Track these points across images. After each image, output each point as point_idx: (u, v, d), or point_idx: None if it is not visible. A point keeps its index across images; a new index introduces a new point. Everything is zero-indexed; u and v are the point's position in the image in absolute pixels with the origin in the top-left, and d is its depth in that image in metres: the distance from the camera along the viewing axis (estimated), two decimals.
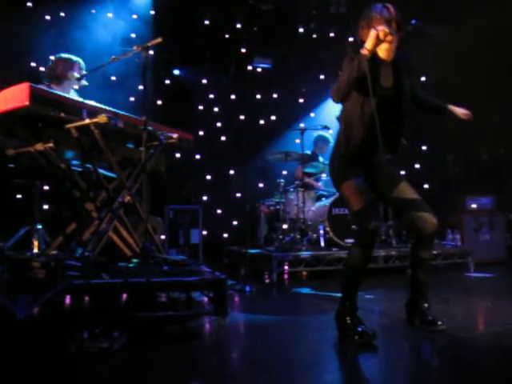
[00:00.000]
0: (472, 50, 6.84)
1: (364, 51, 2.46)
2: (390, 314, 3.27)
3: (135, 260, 3.21)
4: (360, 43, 2.66)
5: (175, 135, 3.56)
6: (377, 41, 2.46)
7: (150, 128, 3.33)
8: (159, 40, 3.47)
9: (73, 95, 3.80)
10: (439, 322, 2.73)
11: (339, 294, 2.76)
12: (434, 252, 5.42)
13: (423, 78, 7.99)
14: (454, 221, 6.25)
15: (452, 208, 6.47)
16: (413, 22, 7.94)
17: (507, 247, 6.39)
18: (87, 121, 3.05)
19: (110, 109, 3.34)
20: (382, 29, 2.45)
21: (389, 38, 2.48)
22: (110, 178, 3.65)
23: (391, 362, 2.39)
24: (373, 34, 2.46)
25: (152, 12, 6.91)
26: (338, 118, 2.81)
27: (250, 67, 7.43)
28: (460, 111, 2.90)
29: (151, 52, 6.57)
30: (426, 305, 2.79)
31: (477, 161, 7.67)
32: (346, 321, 2.61)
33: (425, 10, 6.62)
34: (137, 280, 2.69)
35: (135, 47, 3.43)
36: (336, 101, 2.60)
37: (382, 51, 2.66)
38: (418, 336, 2.72)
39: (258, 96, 7.38)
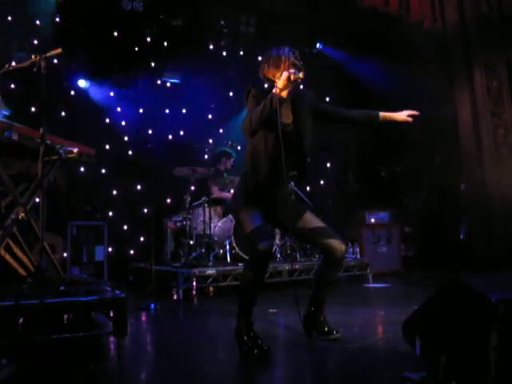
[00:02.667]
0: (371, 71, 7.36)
1: (276, 90, 2.62)
2: (293, 327, 3.36)
3: (30, 280, 3.04)
4: (264, 80, 2.89)
5: (75, 149, 3.44)
6: (287, 82, 2.62)
7: (47, 141, 3.19)
8: (59, 50, 3.34)
9: None
10: (334, 332, 2.92)
11: None
12: None
13: (328, 98, 8.44)
14: (354, 234, 6.61)
15: (352, 222, 6.84)
16: (318, 45, 8.37)
17: (402, 258, 6.86)
18: None
19: (5, 120, 3.17)
20: (294, 72, 2.63)
21: (298, 80, 2.65)
22: (2, 194, 3.43)
23: (290, 374, 2.47)
24: (285, 75, 2.62)
25: (57, 20, 6.64)
26: (245, 156, 2.94)
27: (159, 81, 7.37)
28: (400, 116, 2.98)
29: (55, 61, 6.32)
30: (322, 317, 2.97)
31: (376, 177, 8.21)
32: (243, 336, 2.65)
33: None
34: (29, 302, 2.54)
35: (33, 56, 3.27)
36: (247, 135, 2.74)
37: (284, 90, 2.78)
38: (317, 347, 2.83)
39: (167, 111, 7.33)
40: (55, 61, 6.31)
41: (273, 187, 2.80)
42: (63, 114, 6.56)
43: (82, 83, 6.80)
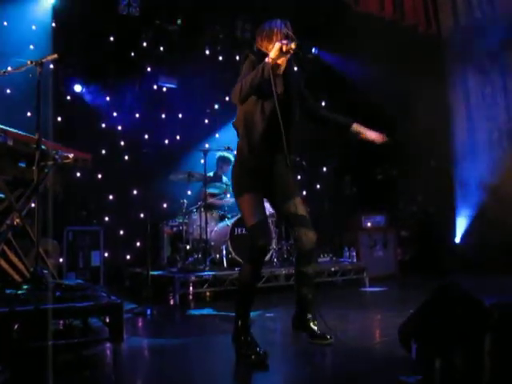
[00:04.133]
0: (368, 76, 7.38)
1: (269, 59, 2.62)
2: (290, 331, 3.34)
3: (25, 286, 3.03)
4: (257, 53, 2.86)
5: (71, 155, 3.45)
6: (280, 53, 2.61)
7: (43, 147, 3.19)
8: (55, 56, 3.37)
9: None
10: (328, 336, 2.88)
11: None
12: (332, 269, 5.71)
13: (323, 103, 8.48)
14: (350, 238, 6.61)
15: (349, 226, 6.85)
16: (314, 50, 8.43)
17: (398, 262, 6.87)
18: None
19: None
20: (286, 43, 2.61)
21: (290, 51, 2.64)
22: None
23: (287, 378, 2.47)
24: (277, 46, 2.61)
25: (53, 24, 6.64)
26: (234, 124, 2.91)
27: (155, 86, 7.37)
28: (371, 134, 2.98)
29: (51, 66, 6.32)
30: (310, 318, 2.93)
31: (372, 181, 8.22)
32: (240, 340, 2.65)
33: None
34: (24, 308, 2.54)
35: (29, 62, 3.28)
36: (237, 101, 2.72)
37: (277, 68, 2.79)
38: (314, 351, 2.83)
39: (163, 115, 7.33)
40: (51, 66, 6.31)
41: (269, 157, 2.79)
42: (59, 119, 6.54)
43: (78, 88, 6.79)
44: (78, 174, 6.48)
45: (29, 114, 6.10)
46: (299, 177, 7.03)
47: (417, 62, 6.92)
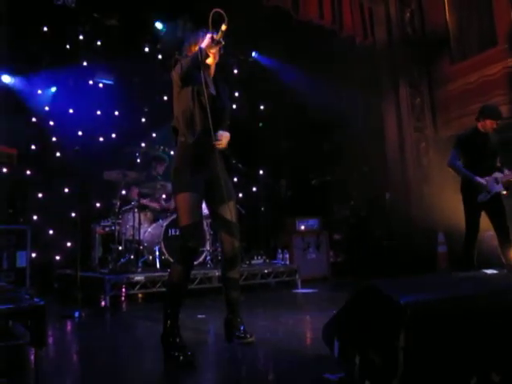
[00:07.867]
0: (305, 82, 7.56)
1: (203, 45, 2.73)
2: (221, 332, 3.35)
3: None
4: (187, 56, 2.92)
5: None
6: (211, 41, 2.70)
7: None
8: None
9: None
10: (248, 335, 2.93)
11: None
12: (265, 271, 5.79)
13: (262, 107, 8.61)
14: (284, 241, 6.73)
15: (283, 229, 6.97)
16: (254, 54, 8.51)
17: (331, 264, 7.07)
18: None
19: None
20: (215, 33, 2.73)
21: (220, 43, 2.73)
22: None
23: (213, 379, 2.48)
24: (209, 36, 2.72)
25: None
26: (173, 125, 2.94)
27: (91, 81, 7.15)
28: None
29: None
30: (238, 319, 2.99)
31: (307, 186, 8.43)
32: (169, 341, 2.63)
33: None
34: None
35: None
36: (179, 80, 2.79)
37: (208, 67, 2.89)
38: (242, 352, 2.85)
39: (99, 112, 7.12)
40: None
41: (209, 149, 2.80)
42: None
43: (7, 79, 6.47)
44: (5, 170, 6.15)
45: None
46: (236, 179, 7.08)
47: (353, 71, 7.19)
